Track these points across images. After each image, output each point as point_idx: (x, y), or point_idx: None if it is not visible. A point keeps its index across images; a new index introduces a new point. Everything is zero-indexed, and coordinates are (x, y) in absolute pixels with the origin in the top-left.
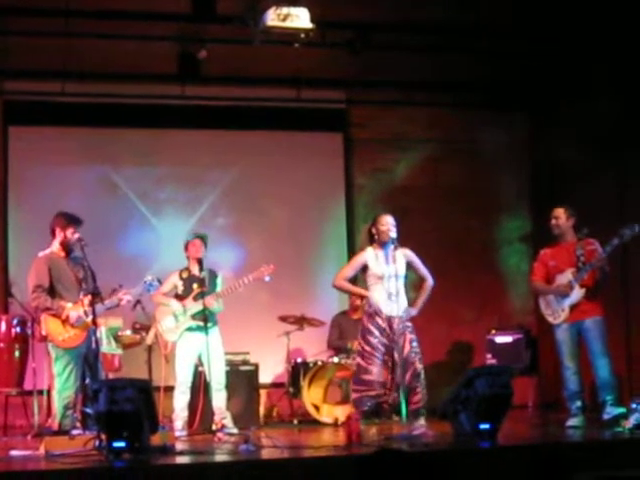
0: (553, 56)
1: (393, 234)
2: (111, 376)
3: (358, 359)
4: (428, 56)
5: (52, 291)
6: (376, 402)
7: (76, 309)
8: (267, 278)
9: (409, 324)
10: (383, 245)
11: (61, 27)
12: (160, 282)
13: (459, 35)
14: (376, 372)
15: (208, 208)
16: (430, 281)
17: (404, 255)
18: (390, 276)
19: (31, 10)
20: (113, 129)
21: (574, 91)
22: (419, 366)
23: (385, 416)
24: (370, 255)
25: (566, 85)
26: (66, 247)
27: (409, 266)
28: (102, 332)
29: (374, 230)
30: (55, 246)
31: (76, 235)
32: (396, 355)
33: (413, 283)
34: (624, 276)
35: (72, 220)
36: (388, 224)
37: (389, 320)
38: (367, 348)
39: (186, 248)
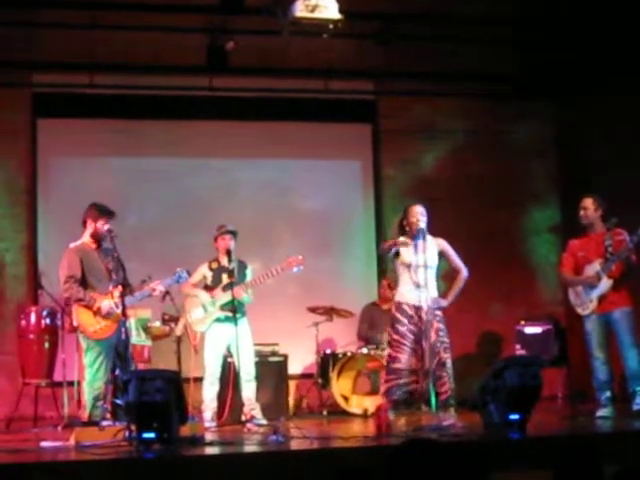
0: (582, 45)
1: (423, 224)
2: (141, 367)
3: (388, 349)
4: (456, 46)
5: (83, 282)
6: (406, 390)
7: (108, 301)
8: (295, 269)
9: (438, 313)
10: (414, 236)
11: (89, 19)
12: (189, 274)
13: (487, 25)
14: (405, 360)
15: (237, 199)
16: (465, 272)
17: (437, 245)
18: (418, 265)
19: (59, 2)
20: (141, 121)
21: (603, 80)
22: (444, 355)
23: (415, 406)
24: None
25: (595, 74)
26: (97, 239)
27: (442, 256)
28: (132, 323)
29: (405, 222)
30: (86, 237)
31: (106, 227)
32: (424, 343)
33: (445, 273)
34: None
35: (104, 212)
36: (417, 214)
37: (417, 309)
38: (395, 337)
39: (215, 241)
